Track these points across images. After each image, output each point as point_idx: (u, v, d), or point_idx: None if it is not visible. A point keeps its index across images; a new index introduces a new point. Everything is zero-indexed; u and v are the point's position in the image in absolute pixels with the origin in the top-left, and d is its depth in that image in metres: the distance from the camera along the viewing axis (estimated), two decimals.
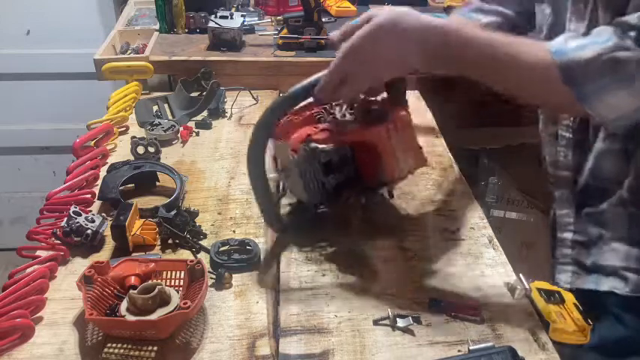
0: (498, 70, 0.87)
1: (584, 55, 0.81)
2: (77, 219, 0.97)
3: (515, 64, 0.85)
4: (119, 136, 1.31)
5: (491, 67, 0.87)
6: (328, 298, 0.90)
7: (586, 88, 0.82)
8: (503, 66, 0.86)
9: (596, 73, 0.81)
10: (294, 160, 0.97)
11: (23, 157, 2.60)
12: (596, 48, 0.81)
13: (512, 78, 0.88)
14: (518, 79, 0.87)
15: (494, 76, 0.88)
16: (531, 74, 0.85)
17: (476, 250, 1.01)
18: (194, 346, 0.81)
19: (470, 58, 0.87)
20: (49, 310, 0.86)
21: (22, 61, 2.40)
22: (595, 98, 0.82)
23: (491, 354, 0.77)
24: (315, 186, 0.98)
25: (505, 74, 0.87)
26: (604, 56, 0.80)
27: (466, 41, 0.86)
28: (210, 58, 1.56)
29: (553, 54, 0.83)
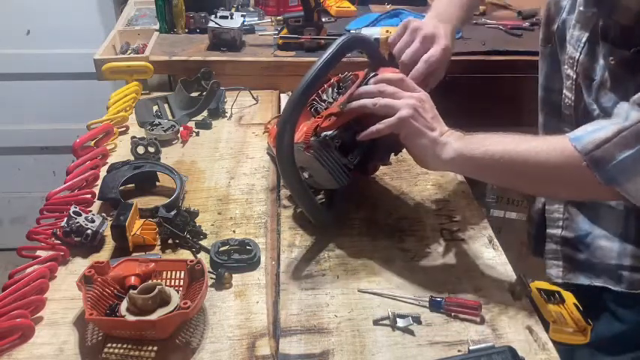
0: (516, 173, 0.87)
1: (603, 134, 0.79)
2: (77, 219, 0.97)
3: (536, 166, 0.84)
4: (119, 136, 1.31)
5: (512, 177, 0.88)
6: (328, 298, 0.90)
7: (610, 168, 0.79)
8: (520, 168, 0.85)
9: (617, 149, 0.78)
10: (311, 157, 0.97)
11: (23, 157, 2.60)
12: (614, 127, 0.79)
13: (537, 181, 0.87)
14: (539, 177, 0.86)
15: (517, 182, 0.90)
16: (552, 167, 0.83)
17: (476, 250, 1.01)
18: (194, 346, 0.81)
19: (488, 176, 0.91)
20: (49, 310, 0.86)
21: (22, 61, 2.40)
22: (623, 177, 0.79)
23: (491, 354, 0.77)
24: (340, 170, 0.98)
25: (524, 174, 0.86)
26: (625, 131, 0.78)
27: (480, 162, 0.87)
28: (210, 58, 1.56)
29: (571, 140, 0.81)
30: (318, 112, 1.02)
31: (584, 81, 0.96)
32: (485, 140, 0.87)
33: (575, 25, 0.96)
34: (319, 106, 1.03)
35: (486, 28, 1.81)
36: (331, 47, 0.89)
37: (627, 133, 0.77)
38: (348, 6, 1.93)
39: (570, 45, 0.97)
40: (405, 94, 0.91)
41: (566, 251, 1.08)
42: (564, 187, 0.87)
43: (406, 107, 0.89)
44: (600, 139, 0.79)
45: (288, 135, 0.89)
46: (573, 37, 0.96)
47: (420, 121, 0.89)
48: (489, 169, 0.88)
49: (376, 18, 1.80)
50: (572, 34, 0.97)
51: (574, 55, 0.96)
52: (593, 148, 0.79)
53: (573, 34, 0.96)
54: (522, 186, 0.92)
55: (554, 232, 1.10)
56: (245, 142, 1.32)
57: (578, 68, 0.96)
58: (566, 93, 1.01)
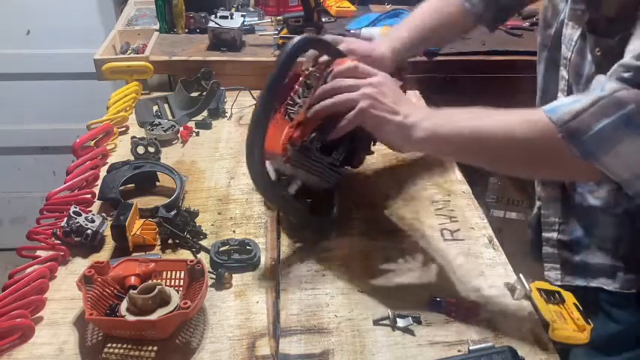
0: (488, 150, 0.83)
1: (579, 105, 0.76)
2: (77, 219, 0.97)
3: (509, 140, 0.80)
4: (119, 136, 1.31)
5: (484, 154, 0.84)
6: (328, 298, 0.90)
7: (586, 140, 0.75)
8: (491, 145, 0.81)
9: (594, 118, 0.74)
10: (293, 166, 0.96)
11: (23, 157, 2.60)
12: (590, 97, 0.76)
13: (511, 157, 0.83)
14: (513, 154, 0.82)
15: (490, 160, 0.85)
16: (525, 142, 0.79)
17: (476, 250, 1.01)
18: (194, 346, 0.81)
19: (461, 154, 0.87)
20: (49, 310, 0.86)
21: (22, 61, 2.40)
22: (601, 150, 0.75)
23: (491, 354, 0.77)
24: (327, 170, 0.98)
25: (496, 151, 0.82)
26: (601, 101, 0.75)
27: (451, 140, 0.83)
28: (210, 58, 1.56)
29: (546, 112, 0.78)
30: (291, 117, 1.00)
31: (574, 79, 0.96)
32: (454, 116, 0.84)
33: (567, 24, 0.96)
34: (292, 110, 1.00)
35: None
36: (282, 54, 0.87)
37: (604, 102, 0.74)
38: (348, 6, 1.93)
39: (564, 45, 0.98)
40: (361, 83, 0.88)
41: (563, 254, 1.08)
42: (540, 163, 0.83)
43: (363, 98, 0.86)
44: (576, 110, 0.76)
45: (258, 156, 0.86)
46: (566, 37, 0.97)
47: (380, 108, 0.86)
48: (461, 146, 0.84)
49: (376, 18, 1.80)
50: (565, 34, 0.97)
51: (566, 55, 0.97)
52: (569, 119, 0.76)
53: (566, 33, 0.97)
54: (497, 164, 0.87)
55: (549, 235, 1.09)
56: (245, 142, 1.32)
57: (569, 67, 0.96)
58: (559, 95, 1.01)
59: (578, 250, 1.04)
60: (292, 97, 1.01)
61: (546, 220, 1.10)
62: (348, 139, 0.96)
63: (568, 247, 1.07)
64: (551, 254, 1.10)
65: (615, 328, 1.00)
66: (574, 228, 1.05)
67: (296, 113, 0.98)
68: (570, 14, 0.95)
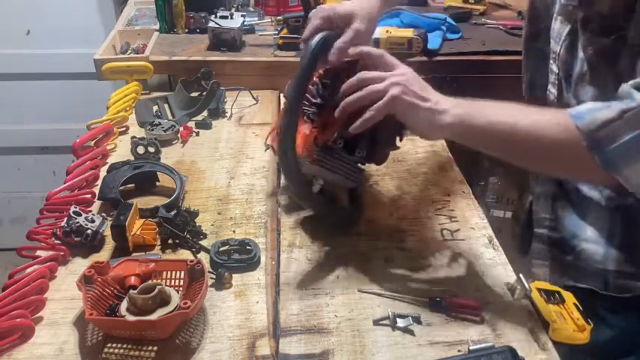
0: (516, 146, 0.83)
1: (606, 114, 0.76)
2: (77, 219, 0.97)
3: (538, 141, 0.81)
4: (119, 136, 1.31)
5: (511, 149, 0.85)
6: (328, 298, 0.90)
7: (610, 151, 0.75)
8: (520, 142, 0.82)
9: (619, 132, 0.75)
10: (318, 167, 0.97)
11: (23, 157, 2.60)
12: (618, 107, 0.75)
13: (531, 151, 0.83)
14: (538, 152, 0.83)
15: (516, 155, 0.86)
16: (552, 144, 0.80)
17: (476, 250, 1.01)
18: (194, 346, 0.81)
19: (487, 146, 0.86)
20: (49, 310, 0.86)
21: (22, 61, 2.40)
22: (622, 163, 0.76)
23: (491, 354, 0.77)
24: (351, 169, 0.98)
25: (523, 148, 0.83)
26: (629, 112, 0.74)
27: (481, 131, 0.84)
28: (210, 58, 1.56)
29: (573, 117, 0.78)
30: (310, 117, 1.00)
31: (565, 74, 0.96)
32: (486, 109, 0.85)
33: (557, 18, 0.96)
34: (309, 110, 1.00)
35: (486, 28, 1.81)
36: (305, 56, 0.88)
37: (632, 114, 0.74)
38: None
39: (552, 39, 0.98)
40: (388, 74, 0.88)
41: (553, 252, 1.07)
42: (563, 164, 0.84)
43: (393, 86, 0.86)
44: (603, 120, 0.76)
45: (291, 151, 0.89)
46: (555, 31, 0.96)
47: (410, 95, 0.86)
48: (489, 139, 0.85)
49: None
50: (554, 28, 0.97)
51: (556, 49, 0.97)
52: (595, 129, 0.76)
53: (555, 27, 0.96)
54: (521, 159, 0.88)
55: (541, 231, 1.09)
56: (245, 142, 1.32)
57: (559, 62, 0.96)
58: (550, 88, 1.00)
59: (569, 250, 1.04)
60: (307, 97, 1.00)
61: (538, 217, 1.10)
62: (369, 136, 0.96)
63: (558, 246, 1.06)
64: (541, 250, 1.09)
65: (610, 334, 1.00)
66: (565, 226, 1.05)
67: (315, 113, 0.98)
68: (561, 9, 0.95)
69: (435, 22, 1.72)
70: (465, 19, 1.86)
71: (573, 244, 1.02)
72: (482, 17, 1.89)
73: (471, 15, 1.89)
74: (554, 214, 1.06)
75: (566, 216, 1.04)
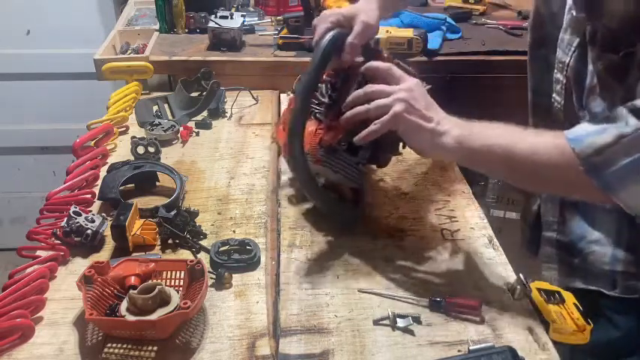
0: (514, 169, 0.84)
1: (603, 139, 0.76)
2: (77, 219, 0.97)
3: (534, 165, 0.81)
4: (119, 136, 1.31)
5: (509, 172, 0.86)
6: (328, 298, 0.90)
7: (608, 175, 0.76)
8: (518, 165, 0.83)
9: (616, 156, 0.75)
10: (321, 166, 0.98)
11: (23, 157, 2.60)
12: (614, 132, 0.76)
13: (529, 174, 0.84)
14: (537, 175, 0.84)
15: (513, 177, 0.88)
16: (549, 168, 0.81)
17: (476, 250, 1.01)
18: (194, 346, 0.81)
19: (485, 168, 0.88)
20: (49, 310, 0.86)
21: (22, 61, 2.40)
22: (620, 186, 0.77)
23: (491, 354, 0.77)
24: (353, 170, 0.99)
25: (521, 171, 0.84)
26: (625, 138, 0.75)
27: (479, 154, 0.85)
28: (210, 58, 1.56)
29: (570, 141, 0.78)
30: (317, 117, 1.01)
31: (575, 86, 0.95)
32: (487, 131, 0.86)
33: (566, 29, 0.96)
34: (318, 110, 1.02)
35: (486, 28, 1.82)
36: (317, 54, 0.89)
37: (628, 139, 0.75)
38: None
39: (560, 49, 0.97)
40: (395, 89, 0.89)
41: (562, 255, 1.07)
42: (560, 186, 0.87)
43: (398, 103, 0.87)
44: (599, 145, 0.77)
45: (299, 146, 0.91)
46: (564, 42, 0.96)
47: (414, 114, 0.86)
48: (487, 162, 0.86)
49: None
50: (563, 38, 0.96)
51: (564, 60, 0.96)
52: (592, 154, 0.77)
53: (564, 38, 0.96)
54: (518, 181, 0.90)
55: (549, 235, 1.09)
56: (245, 142, 1.32)
57: (569, 73, 0.96)
58: (555, 97, 1.00)
59: (576, 252, 1.04)
60: (316, 94, 1.00)
61: (545, 220, 1.10)
62: (373, 141, 0.95)
63: (566, 249, 1.06)
64: (550, 254, 1.10)
65: (615, 334, 1.00)
66: (572, 229, 1.05)
67: (322, 113, 0.99)
68: (570, 21, 0.95)
69: (435, 22, 1.72)
70: (465, 19, 1.86)
71: (581, 246, 1.03)
72: (482, 17, 1.89)
73: (471, 15, 1.89)
74: (561, 217, 1.07)
75: (573, 219, 1.04)
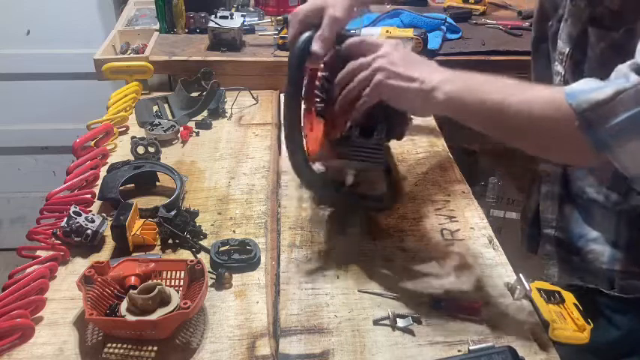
0: (506, 124, 0.80)
1: (600, 94, 0.73)
2: (77, 219, 0.97)
3: (524, 114, 0.77)
4: (119, 136, 1.31)
5: (498, 124, 0.81)
6: (328, 298, 0.90)
7: (603, 131, 0.73)
8: (511, 119, 0.78)
9: (612, 112, 0.72)
10: (340, 160, 0.97)
11: (23, 157, 2.60)
12: (613, 87, 0.72)
13: (521, 129, 0.80)
14: (529, 130, 0.79)
15: (505, 132, 0.82)
16: (543, 122, 0.77)
17: (476, 250, 1.01)
18: (194, 346, 0.81)
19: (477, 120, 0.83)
20: (49, 310, 0.86)
21: (22, 61, 2.40)
22: (615, 143, 0.73)
23: (491, 354, 0.77)
24: (374, 152, 0.96)
25: (514, 126, 0.80)
26: (623, 93, 0.71)
27: (471, 109, 0.81)
28: (210, 58, 1.56)
29: (567, 96, 0.75)
30: (320, 114, 1.01)
31: (572, 76, 0.95)
32: (478, 84, 0.83)
33: (567, 19, 0.96)
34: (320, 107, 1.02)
35: (486, 28, 1.82)
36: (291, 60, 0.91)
37: (626, 94, 0.72)
38: None
39: (561, 40, 0.97)
40: (369, 59, 0.87)
41: (561, 253, 1.08)
42: (552, 143, 0.81)
43: (376, 72, 0.85)
44: (596, 100, 0.73)
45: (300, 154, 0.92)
46: (564, 32, 0.96)
47: (394, 78, 0.84)
48: (481, 117, 0.82)
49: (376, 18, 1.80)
50: (564, 29, 0.97)
51: (564, 50, 0.96)
52: (588, 109, 0.73)
53: (564, 28, 0.96)
54: (510, 136, 0.83)
55: (548, 232, 1.09)
56: (245, 142, 1.32)
57: (567, 63, 0.96)
58: None
59: (575, 250, 1.04)
60: (316, 93, 0.99)
61: (544, 216, 1.10)
62: (383, 116, 0.95)
63: (565, 246, 1.06)
64: (549, 251, 1.10)
65: (615, 334, 1.00)
66: (571, 227, 1.05)
67: (323, 109, 0.99)
68: (571, 10, 0.95)
69: (435, 22, 1.72)
70: (465, 19, 1.86)
71: (580, 244, 1.03)
72: (482, 17, 1.89)
73: (471, 15, 1.89)
74: (560, 214, 1.07)
75: (572, 217, 1.04)
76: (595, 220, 1.00)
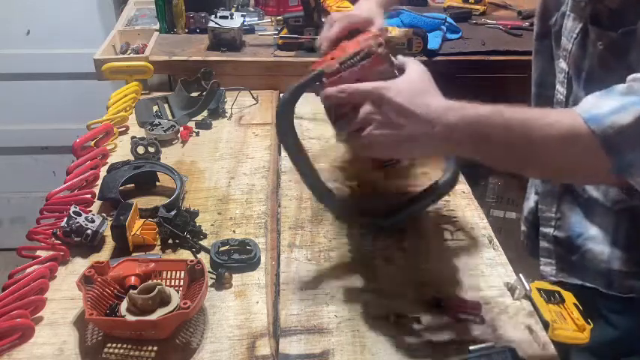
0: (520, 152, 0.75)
1: (623, 119, 0.71)
2: (77, 219, 0.97)
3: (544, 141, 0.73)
4: (119, 136, 1.31)
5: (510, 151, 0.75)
6: (328, 298, 0.90)
7: (628, 157, 0.71)
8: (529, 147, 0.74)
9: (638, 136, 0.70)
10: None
11: (23, 157, 2.60)
12: (633, 111, 0.70)
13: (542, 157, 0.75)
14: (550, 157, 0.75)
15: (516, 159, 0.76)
16: (564, 149, 0.73)
17: (476, 250, 1.01)
18: (194, 346, 0.81)
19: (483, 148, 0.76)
20: (49, 310, 0.86)
21: (22, 61, 2.40)
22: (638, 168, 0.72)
23: (491, 354, 0.77)
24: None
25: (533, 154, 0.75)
26: None
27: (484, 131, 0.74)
28: (210, 58, 1.56)
29: (587, 122, 0.72)
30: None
31: (575, 72, 0.95)
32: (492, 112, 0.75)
33: (569, 15, 0.96)
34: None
35: (486, 28, 1.82)
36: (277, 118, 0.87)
37: None
38: (347, 6, 1.93)
39: (564, 36, 0.97)
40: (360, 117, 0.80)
41: (559, 251, 1.08)
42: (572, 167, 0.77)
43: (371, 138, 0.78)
44: (621, 125, 0.70)
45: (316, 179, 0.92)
46: (567, 28, 0.96)
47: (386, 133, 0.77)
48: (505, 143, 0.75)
49: None
50: (566, 25, 0.97)
51: (567, 47, 0.96)
52: (613, 134, 0.71)
53: (567, 24, 0.96)
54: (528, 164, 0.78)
55: (546, 230, 1.09)
56: (245, 142, 1.32)
57: (570, 60, 0.96)
58: (558, 88, 1.00)
59: (574, 249, 1.04)
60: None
61: (543, 215, 1.10)
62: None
63: (564, 245, 1.06)
64: (547, 249, 1.10)
65: (613, 334, 1.00)
66: (570, 225, 1.05)
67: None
68: (572, 6, 0.95)
69: (435, 22, 1.72)
70: (465, 19, 1.86)
71: (579, 243, 1.03)
72: (482, 17, 1.89)
73: (471, 15, 1.89)
74: (559, 212, 1.07)
75: (571, 215, 1.04)
76: (594, 219, 1.00)
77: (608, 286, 1.00)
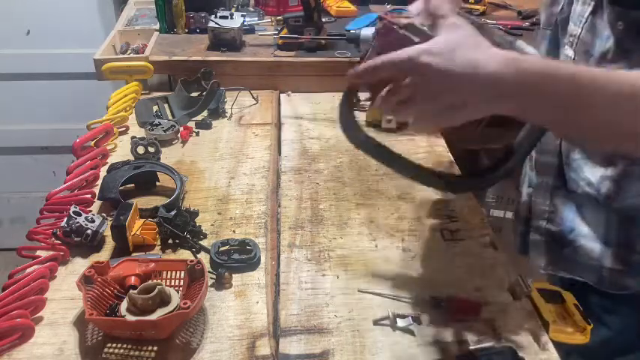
0: (582, 107, 0.67)
1: None
2: (77, 219, 0.97)
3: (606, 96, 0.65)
4: (119, 136, 1.31)
5: (573, 104, 0.66)
6: (328, 298, 0.90)
7: None
8: (589, 100, 0.66)
9: None
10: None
11: (23, 157, 2.60)
12: None
13: (598, 115, 0.67)
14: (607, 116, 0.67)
15: (575, 115, 0.67)
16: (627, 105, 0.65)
17: (476, 250, 1.01)
18: (194, 346, 0.81)
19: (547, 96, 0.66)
20: (49, 310, 0.86)
21: (22, 61, 2.40)
22: None
23: (491, 354, 0.77)
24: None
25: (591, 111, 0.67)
26: None
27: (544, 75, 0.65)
28: (210, 58, 1.56)
29: None
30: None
31: (582, 58, 0.94)
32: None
33: (578, 0, 0.95)
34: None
35: None
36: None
37: None
38: (348, 6, 1.93)
39: (572, 22, 0.96)
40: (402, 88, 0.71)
41: (550, 244, 1.08)
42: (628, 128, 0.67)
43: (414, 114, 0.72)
44: None
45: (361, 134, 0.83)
46: (576, 13, 0.95)
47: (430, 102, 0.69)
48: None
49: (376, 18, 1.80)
50: (575, 10, 0.95)
51: (575, 32, 0.95)
52: None
53: (576, 9, 0.95)
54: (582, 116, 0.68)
55: (539, 223, 1.09)
56: (245, 142, 1.32)
57: (578, 45, 0.94)
58: None
59: (566, 243, 1.04)
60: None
61: (537, 208, 1.10)
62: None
63: (555, 238, 1.06)
64: (538, 242, 1.10)
65: (606, 334, 1.00)
66: (563, 220, 1.05)
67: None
68: None
69: None
70: None
71: (571, 238, 1.03)
72: (482, 17, 1.89)
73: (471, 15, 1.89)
74: (552, 205, 1.06)
75: (564, 209, 1.04)
76: (587, 214, 1.00)
77: (599, 283, 1.00)
